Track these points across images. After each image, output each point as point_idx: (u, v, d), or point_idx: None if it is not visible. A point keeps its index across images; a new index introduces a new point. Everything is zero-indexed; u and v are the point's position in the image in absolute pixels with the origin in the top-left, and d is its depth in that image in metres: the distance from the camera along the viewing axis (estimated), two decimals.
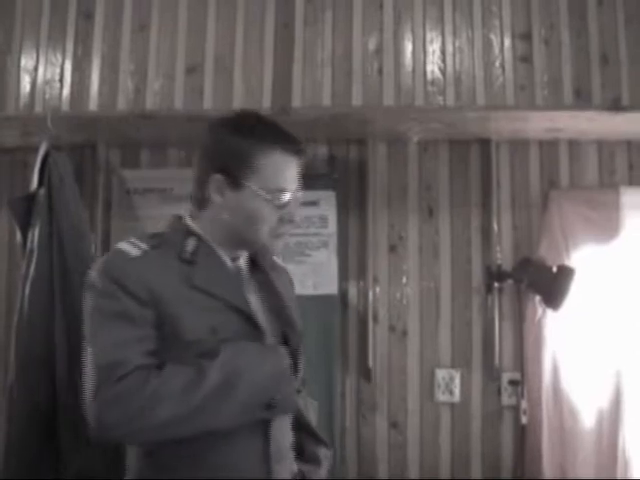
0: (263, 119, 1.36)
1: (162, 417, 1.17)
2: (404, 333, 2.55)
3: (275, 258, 1.51)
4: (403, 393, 2.53)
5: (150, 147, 2.64)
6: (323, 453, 1.54)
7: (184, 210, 1.39)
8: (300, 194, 1.38)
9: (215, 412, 1.20)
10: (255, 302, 1.37)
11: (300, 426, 1.49)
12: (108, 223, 2.62)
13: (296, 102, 2.57)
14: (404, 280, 2.57)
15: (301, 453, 1.49)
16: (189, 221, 1.37)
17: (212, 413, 1.20)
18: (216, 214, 1.34)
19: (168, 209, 2.58)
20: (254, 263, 1.44)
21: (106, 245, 2.61)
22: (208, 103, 2.59)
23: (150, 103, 2.60)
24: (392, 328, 2.55)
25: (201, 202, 1.35)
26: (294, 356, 1.33)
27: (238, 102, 2.58)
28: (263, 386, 1.24)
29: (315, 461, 1.51)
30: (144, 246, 1.30)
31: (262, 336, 1.32)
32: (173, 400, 1.17)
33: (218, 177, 1.30)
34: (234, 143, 1.31)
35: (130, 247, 1.30)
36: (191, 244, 1.32)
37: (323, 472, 1.53)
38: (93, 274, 1.28)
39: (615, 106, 2.49)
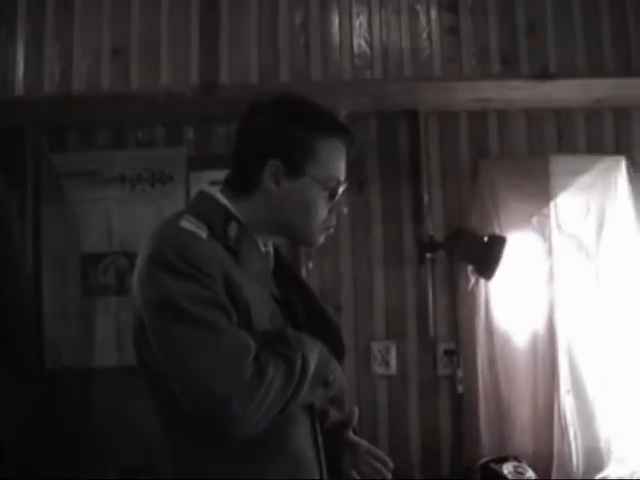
0: (320, 106, 1.30)
1: (271, 408, 1.12)
2: (338, 307, 2.56)
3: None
4: None
5: (77, 130, 2.61)
6: None
7: (212, 190, 1.29)
8: (346, 186, 1.33)
9: (297, 398, 1.17)
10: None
11: None
12: (38, 208, 2.60)
13: (223, 80, 2.55)
14: (336, 254, 2.57)
15: None
16: (225, 202, 1.27)
17: (295, 400, 1.17)
18: (265, 201, 1.26)
19: (98, 192, 2.59)
20: None
21: (36, 230, 2.59)
22: (135, 83, 2.57)
23: (77, 85, 2.58)
24: (326, 303, 2.53)
25: (246, 187, 1.27)
26: (340, 343, 1.33)
27: (165, 81, 2.56)
28: (320, 369, 1.21)
29: None
30: (203, 227, 1.19)
31: (286, 325, 1.27)
32: (278, 392, 1.12)
33: (276, 163, 1.24)
34: (296, 130, 1.24)
35: (195, 228, 1.18)
36: (233, 230, 1.22)
37: None
38: (165, 254, 1.14)
39: (542, 74, 2.50)
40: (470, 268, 2.54)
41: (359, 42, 2.59)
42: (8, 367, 2.35)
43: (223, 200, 1.27)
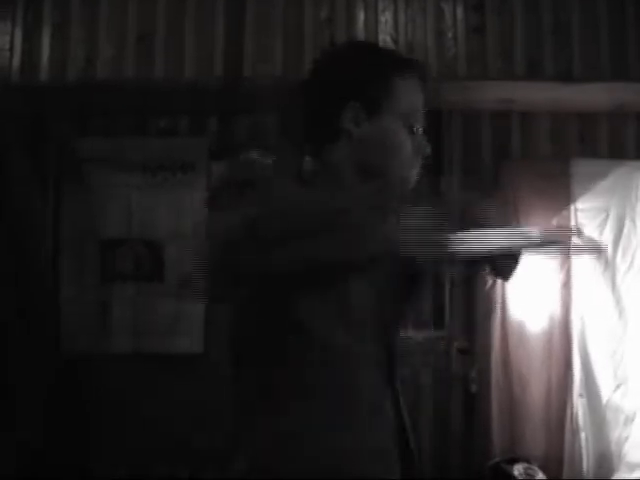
0: (387, 46, 1.30)
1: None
2: None
3: None
4: None
5: (100, 116, 2.62)
6: None
7: None
8: (425, 121, 1.25)
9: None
10: None
11: None
12: (59, 193, 2.61)
13: (247, 71, 2.55)
14: None
15: None
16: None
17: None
18: (349, 147, 1.20)
19: (119, 178, 2.60)
20: None
21: (57, 215, 2.60)
22: (159, 71, 2.57)
23: (101, 72, 2.58)
24: None
25: (327, 136, 1.21)
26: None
27: (189, 71, 2.56)
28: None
29: None
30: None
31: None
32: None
33: (354, 104, 1.17)
34: (370, 68, 1.20)
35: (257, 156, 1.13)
36: (309, 164, 1.18)
37: None
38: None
39: (567, 77, 2.50)
40: (488, 268, 2.53)
41: (384, 38, 2.59)
42: (25, 351, 2.36)
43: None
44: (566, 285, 2.54)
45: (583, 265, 2.54)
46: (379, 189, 1.16)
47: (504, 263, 2.19)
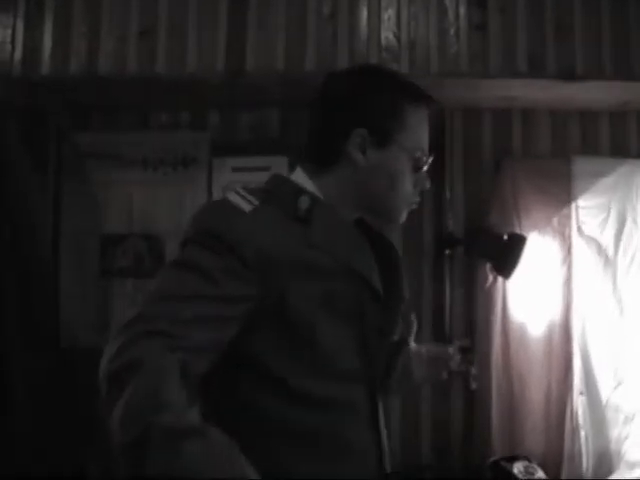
0: (402, 74, 1.26)
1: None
2: None
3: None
4: None
5: (101, 110, 2.61)
6: None
7: (297, 170, 1.23)
8: (431, 159, 1.26)
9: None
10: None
11: None
12: (59, 188, 2.60)
13: (250, 66, 2.55)
14: None
15: None
16: (298, 179, 1.20)
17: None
18: (350, 173, 1.19)
19: (120, 173, 2.60)
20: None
21: (57, 210, 2.59)
22: (161, 66, 2.56)
23: (103, 66, 2.57)
24: None
25: (329, 160, 1.20)
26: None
27: (191, 65, 2.55)
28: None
29: None
30: (254, 200, 1.11)
31: (380, 309, 1.18)
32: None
33: (362, 132, 1.17)
34: (383, 95, 1.18)
35: (240, 200, 1.11)
36: (305, 203, 1.14)
37: None
38: (192, 229, 1.10)
39: (569, 75, 2.49)
40: (488, 266, 2.54)
41: (387, 35, 2.59)
42: (23, 346, 2.35)
43: (296, 177, 1.21)
44: (567, 283, 2.53)
45: (584, 263, 2.54)
46: None
47: (505, 261, 2.20)
